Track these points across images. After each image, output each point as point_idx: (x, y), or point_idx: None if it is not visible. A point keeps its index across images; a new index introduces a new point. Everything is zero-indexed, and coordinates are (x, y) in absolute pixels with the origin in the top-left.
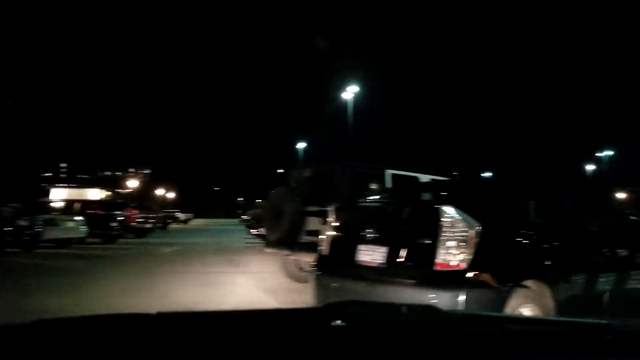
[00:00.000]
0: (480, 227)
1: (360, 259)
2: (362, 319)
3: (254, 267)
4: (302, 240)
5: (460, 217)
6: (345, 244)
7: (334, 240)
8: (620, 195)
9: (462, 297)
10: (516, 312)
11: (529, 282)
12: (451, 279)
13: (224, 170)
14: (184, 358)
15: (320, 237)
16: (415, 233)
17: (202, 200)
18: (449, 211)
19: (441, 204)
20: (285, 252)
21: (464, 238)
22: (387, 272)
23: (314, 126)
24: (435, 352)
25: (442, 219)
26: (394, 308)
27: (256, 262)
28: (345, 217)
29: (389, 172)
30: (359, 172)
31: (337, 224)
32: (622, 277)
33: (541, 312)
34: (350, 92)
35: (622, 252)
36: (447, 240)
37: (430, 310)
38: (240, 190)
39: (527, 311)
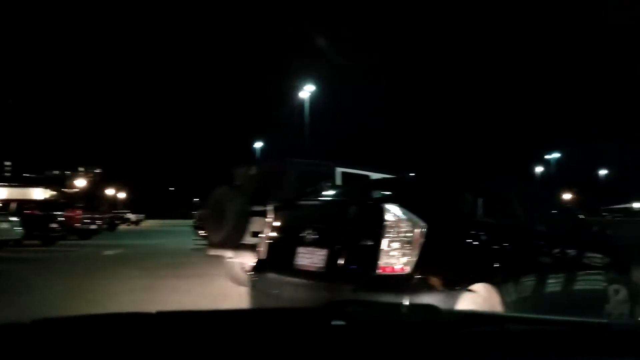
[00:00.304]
0: (426, 227)
1: (299, 263)
2: (362, 318)
3: (197, 270)
4: (247, 242)
5: (405, 217)
6: (283, 247)
7: (271, 243)
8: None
9: (405, 303)
10: None
11: (477, 286)
12: (394, 284)
13: (179, 170)
14: (184, 357)
15: (259, 239)
16: (356, 234)
17: (156, 201)
18: (393, 210)
19: (384, 202)
20: (229, 254)
21: (409, 239)
22: (326, 277)
23: (272, 125)
24: (436, 351)
25: (385, 219)
26: (394, 307)
27: (200, 265)
28: (285, 217)
29: (339, 170)
30: (307, 170)
31: (276, 224)
32: (572, 277)
33: None
34: (307, 91)
35: (572, 252)
36: (391, 241)
37: (430, 309)
38: (196, 191)
39: None
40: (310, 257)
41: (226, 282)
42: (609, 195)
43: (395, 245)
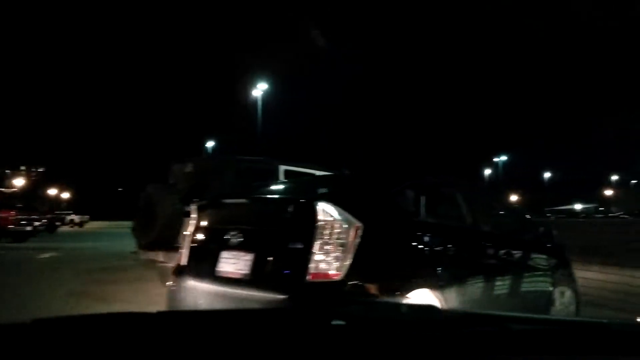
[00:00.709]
0: (363, 228)
1: (222, 269)
2: (362, 318)
3: (130, 274)
4: (180, 245)
5: (339, 216)
6: (206, 251)
7: (193, 246)
8: (513, 197)
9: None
10: None
11: (419, 292)
12: (327, 292)
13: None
14: (185, 357)
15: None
16: (286, 236)
17: (103, 202)
18: (326, 209)
19: (317, 200)
20: (161, 257)
21: (343, 241)
22: (252, 285)
23: (225, 124)
24: (436, 350)
25: (317, 219)
26: (394, 307)
27: (135, 270)
28: (208, 217)
29: (282, 167)
30: (247, 167)
31: (198, 225)
32: (519, 280)
33: None
34: (259, 90)
35: (519, 254)
36: (323, 244)
37: (430, 309)
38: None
39: None
40: (234, 263)
41: (158, 287)
42: (553, 197)
43: (328, 248)
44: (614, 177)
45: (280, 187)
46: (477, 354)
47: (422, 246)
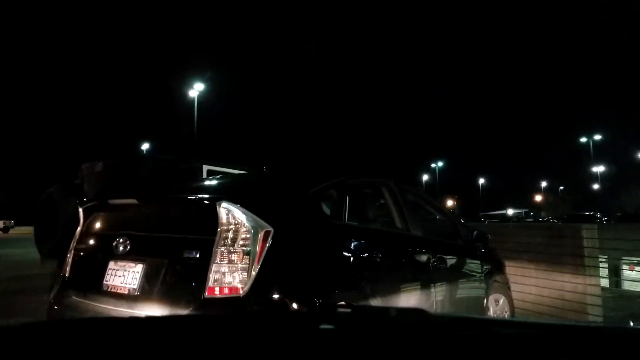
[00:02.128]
0: (273, 232)
1: (108, 283)
2: (351, 322)
3: (33, 283)
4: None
5: (246, 219)
6: (91, 261)
7: (79, 255)
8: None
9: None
10: None
11: (340, 304)
12: (228, 309)
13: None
14: None
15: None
16: (182, 242)
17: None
18: (230, 210)
19: (220, 200)
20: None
21: (249, 249)
22: (140, 303)
23: (160, 125)
24: (425, 354)
25: (219, 222)
26: (382, 311)
27: (40, 279)
28: (97, 220)
29: (206, 167)
30: (164, 166)
31: (85, 230)
32: (451, 287)
33: None
34: (196, 90)
35: (452, 260)
36: (225, 252)
37: (418, 313)
38: None
39: None
40: (121, 275)
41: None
42: (487, 202)
43: (232, 257)
44: (544, 184)
45: (188, 185)
46: (467, 358)
47: (343, 252)
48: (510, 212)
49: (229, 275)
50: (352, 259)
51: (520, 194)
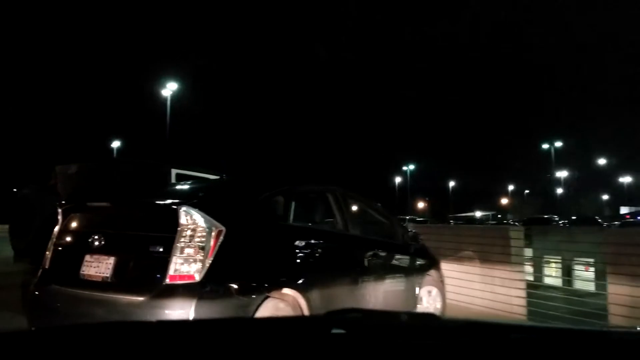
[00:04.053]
0: (225, 231)
1: (85, 273)
2: (362, 326)
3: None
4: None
5: (202, 220)
6: (70, 254)
7: (58, 250)
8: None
9: (193, 315)
10: None
11: (281, 292)
12: (185, 294)
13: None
14: None
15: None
16: (148, 239)
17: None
18: (189, 212)
19: (181, 204)
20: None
21: (204, 244)
22: (113, 288)
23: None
24: (436, 359)
25: (179, 222)
26: (394, 315)
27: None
28: (74, 220)
29: (175, 171)
30: (134, 170)
31: (64, 228)
32: (386, 280)
33: None
34: (169, 89)
35: (387, 256)
36: (184, 247)
37: (430, 317)
38: None
39: None
40: (97, 266)
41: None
42: (456, 204)
43: (189, 251)
44: (511, 187)
45: (155, 190)
46: None
47: (286, 249)
48: (478, 214)
49: (187, 265)
50: (293, 253)
51: (488, 197)
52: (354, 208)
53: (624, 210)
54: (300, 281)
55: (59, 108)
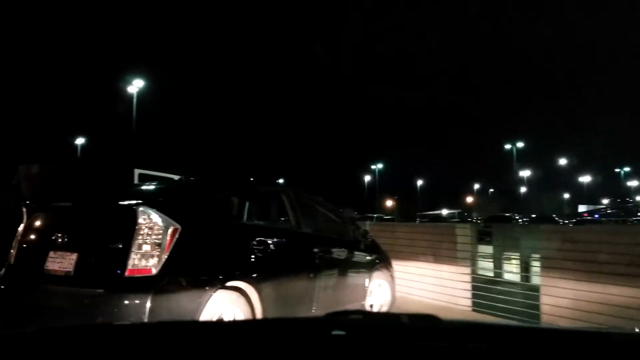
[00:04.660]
0: (180, 229)
1: (49, 268)
2: (362, 328)
3: None
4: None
5: (158, 219)
6: (34, 251)
7: (22, 247)
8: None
9: (150, 304)
10: (218, 316)
11: (233, 284)
12: (141, 286)
13: None
14: None
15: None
16: (108, 236)
17: None
18: (146, 212)
19: (139, 204)
20: None
21: (160, 241)
22: (75, 282)
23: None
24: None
25: (137, 221)
26: (394, 317)
27: None
28: (39, 219)
29: (138, 171)
30: (96, 170)
31: (29, 227)
32: (336, 274)
33: (246, 314)
34: (135, 87)
35: (337, 252)
36: (141, 243)
37: (430, 319)
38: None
39: (229, 314)
40: (60, 262)
41: None
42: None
43: (147, 247)
44: (477, 186)
45: (116, 191)
46: None
47: (239, 245)
48: (444, 212)
49: (144, 260)
50: (245, 249)
51: (455, 195)
52: (307, 207)
53: (582, 208)
54: (251, 275)
55: (20, 105)
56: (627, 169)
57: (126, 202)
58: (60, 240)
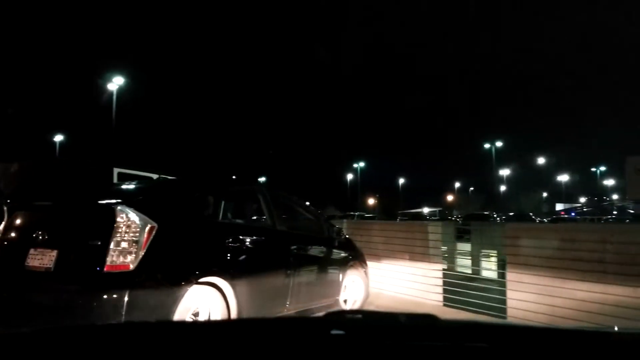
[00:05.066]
0: (157, 227)
1: (29, 264)
2: (361, 327)
3: None
4: None
5: (135, 217)
6: (15, 248)
7: (3, 244)
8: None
9: (126, 299)
10: (193, 310)
11: (208, 280)
12: (119, 281)
13: None
14: None
15: None
16: (87, 234)
17: None
18: (124, 211)
19: (117, 203)
20: None
21: (137, 238)
22: (55, 277)
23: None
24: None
25: (115, 220)
26: (392, 317)
27: None
28: (20, 217)
29: (117, 170)
30: (75, 169)
31: (10, 225)
32: (310, 271)
33: (221, 309)
34: (115, 84)
35: (312, 249)
36: (119, 241)
37: (429, 318)
38: None
39: (204, 309)
40: (40, 258)
41: None
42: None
43: (125, 244)
44: (457, 184)
45: (95, 190)
46: None
47: (214, 242)
48: (426, 210)
49: (122, 257)
50: (220, 246)
51: (436, 193)
52: (282, 206)
53: (559, 207)
54: (226, 271)
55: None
56: (602, 168)
57: (105, 201)
58: (40, 237)
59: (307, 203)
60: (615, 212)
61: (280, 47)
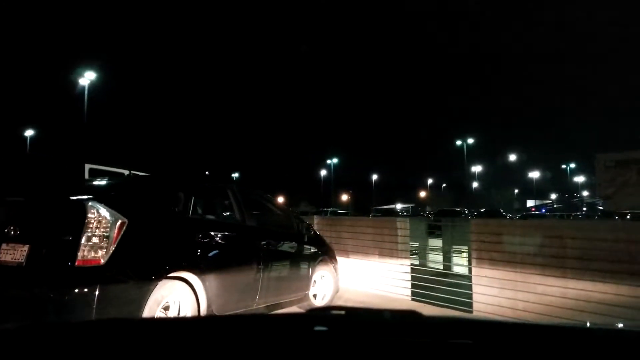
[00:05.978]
0: (127, 223)
1: (1, 259)
2: (344, 323)
3: None
4: None
5: (106, 213)
6: None
7: None
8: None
9: (97, 293)
10: (163, 304)
11: (177, 274)
12: (90, 276)
13: None
14: None
15: None
16: (59, 230)
17: None
18: (95, 207)
19: (88, 200)
20: None
21: (107, 234)
22: (26, 272)
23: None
24: (419, 357)
25: (86, 215)
26: (376, 313)
27: None
28: None
29: (88, 166)
30: (46, 165)
31: None
32: (280, 265)
33: (191, 302)
34: (87, 79)
35: (282, 245)
36: (90, 236)
37: (413, 314)
38: None
39: (174, 302)
40: (12, 253)
41: None
42: (378, 197)
43: (95, 239)
44: (430, 181)
45: (67, 186)
46: None
47: (183, 238)
48: (399, 206)
49: (93, 251)
50: (189, 241)
51: (409, 190)
52: (252, 202)
53: (530, 203)
54: (196, 266)
55: None
56: (572, 165)
57: (76, 197)
58: (12, 232)
59: (280, 199)
60: (585, 209)
61: (253, 44)
